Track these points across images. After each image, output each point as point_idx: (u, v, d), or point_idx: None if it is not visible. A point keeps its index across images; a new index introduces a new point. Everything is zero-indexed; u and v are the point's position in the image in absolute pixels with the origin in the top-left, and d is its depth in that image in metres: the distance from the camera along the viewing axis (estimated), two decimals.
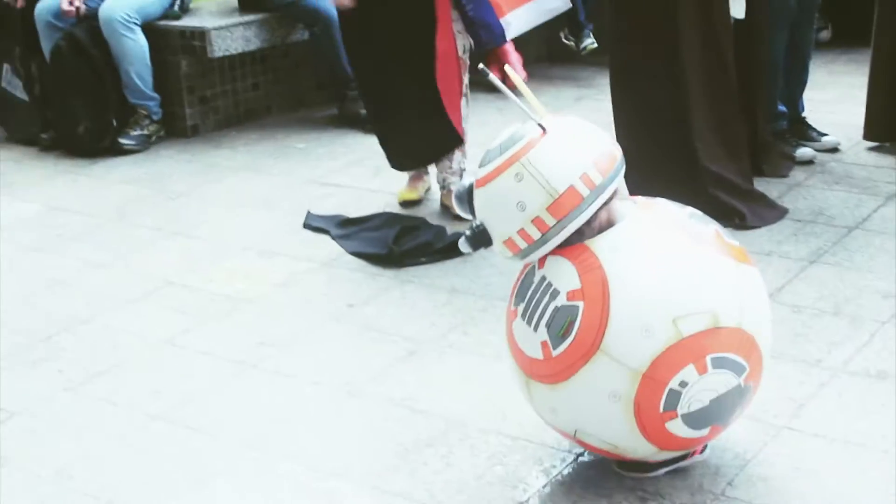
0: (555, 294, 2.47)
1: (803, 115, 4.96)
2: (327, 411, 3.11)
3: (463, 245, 2.65)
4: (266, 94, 6.07)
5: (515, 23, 4.54)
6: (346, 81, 5.76)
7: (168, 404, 3.18)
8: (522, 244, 2.52)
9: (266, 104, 6.08)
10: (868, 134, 4.93)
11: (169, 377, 3.34)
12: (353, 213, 4.51)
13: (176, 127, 5.77)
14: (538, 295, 2.51)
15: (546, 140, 2.50)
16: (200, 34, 5.61)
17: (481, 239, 2.61)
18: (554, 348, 2.46)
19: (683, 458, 2.68)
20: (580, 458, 2.79)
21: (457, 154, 4.46)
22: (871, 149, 4.91)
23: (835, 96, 5.69)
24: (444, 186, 4.51)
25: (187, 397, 3.21)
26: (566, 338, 2.44)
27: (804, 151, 4.79)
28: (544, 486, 2.69)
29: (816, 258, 3.85)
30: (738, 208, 4.15)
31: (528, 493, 2.67)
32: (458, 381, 3.21)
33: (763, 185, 4.40)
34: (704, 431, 2.53)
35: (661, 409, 2.44)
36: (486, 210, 2.58)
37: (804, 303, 3.52)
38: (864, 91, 4.99)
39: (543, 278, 2.52)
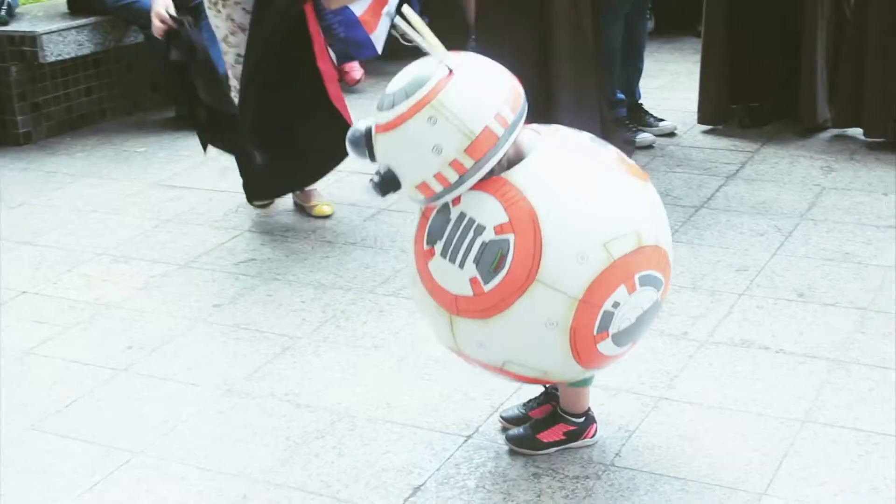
0: (480, 229, 2.45)
1: (640, 101, 5.14)
2: (209, 411, 3.07)
3: (370, 192, 2.54)
4: (100, 98, 5.93)
5: (382, 35, 4.53)
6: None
7: (42, 415, 3.09)
8: (438, 187, 2.48)
9: (100, 108, 5.94)
10: (702, 118, 5.15)
11: (38, 388, 3.24)
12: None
13: (8, 135, 5.58)
14: (459, 232, 2.47)
15: (455, 81, 2.45)
16: (31, 39, 5.44)
17: (390, 184, 2.52)
18: (485, 283, 2.45)
19: (574, 440, 2.76)
20: (470, 440, 2.84)
21: None
22: (706, 132, 5.13)
23: (665, 83, 5.91)
24: None
25: (61, 406, 3.12)
26: (499, 272, 2.43)
27: (644, 136, 4.96)
28: (438, 469, 2.72)
29: None
30: None
31: (424, 476, 2.70)
32: (339, 374, 3.22)
33: None
34: (626, 348, 2.60)
35: (595, 332, 2.48)
36: (395, 155, 2.50)
37: None
38: (692, 78, 5.21)
39: (462, 215, 2.48)
